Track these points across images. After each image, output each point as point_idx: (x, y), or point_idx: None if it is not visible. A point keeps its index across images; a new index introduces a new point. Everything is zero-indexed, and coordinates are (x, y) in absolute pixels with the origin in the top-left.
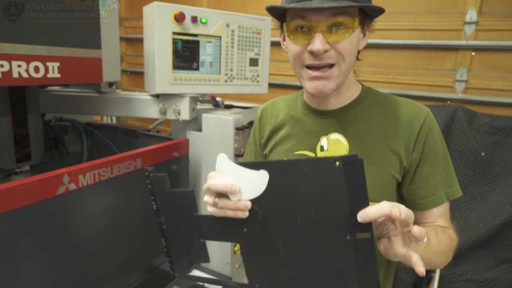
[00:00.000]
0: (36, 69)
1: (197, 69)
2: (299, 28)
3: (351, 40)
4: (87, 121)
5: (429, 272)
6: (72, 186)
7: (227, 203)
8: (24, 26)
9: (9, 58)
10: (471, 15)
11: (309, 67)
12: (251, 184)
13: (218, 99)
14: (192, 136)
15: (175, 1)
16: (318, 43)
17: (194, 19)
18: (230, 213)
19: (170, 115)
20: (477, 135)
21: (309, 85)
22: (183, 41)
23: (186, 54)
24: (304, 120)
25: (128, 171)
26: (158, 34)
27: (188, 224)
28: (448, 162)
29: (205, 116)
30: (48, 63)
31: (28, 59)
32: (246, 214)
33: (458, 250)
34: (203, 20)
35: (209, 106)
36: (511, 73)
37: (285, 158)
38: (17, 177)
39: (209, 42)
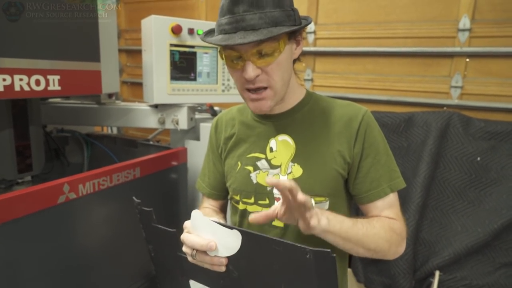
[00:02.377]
0: (37, 82)
1: (194, 79)
2: (232, 58)
3: (279, 60)
4: (88, 131)
5: (428, 278)
6: (73, 195)
7: (204, 258)
8: (25, 40)
9: (11, 72)
10: (464, 22)
11: (248, 89)
12: (226, 242)
13: (216, 108)
14: (190, 145)
15: (175, 13)
16: (249, 71)
17: (191, 31)
18: (207, 266)
19: (169, 125)
20: (472, 140)
21: (251, 105)
22: (180, 52)
23: (183, 65)
24: (254, 124)
25: (127, 180)
26: (156, 46)
27: (172, 260)
28: (389, 156)
29: (203, 125)
30: (48, 76)
31: (29, 72)
32: (223, 268)
33: (456, 255)
34: (200, 32)
35: (207, 115)
36: (506, 79)
37: (239, 163)
38: (19, 187)
39: (206, 53)
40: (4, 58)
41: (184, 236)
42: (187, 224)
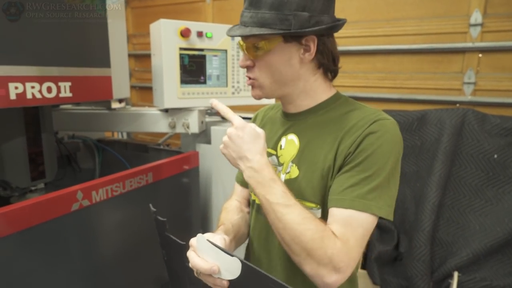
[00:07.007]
0: (49, 90)
1: (204, 82)
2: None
3: (268, 60)
4: (99, 137)
5: (447, 279)
6: (86, 202)
7: (207, 279)
8: (35, 47)
9: (23, 79)
10: (476, 17)
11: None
12: (228, 266)
13: None
14: (202, 148)
15: (181, 17)
16: (241, 59)
17: (200, 34)
18: (211, 285)
19: (180, 129)
20: (488, 137)
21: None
22: (189, 56)
23: (193, 68)
24: (277, 121)
25: (140, 186)
26: (165, 50)
27: (180, 268)
28: (382, 180)
29: (213, 129)
30: (60, 83)
31: (41, 80)
32: None
33: (475, 255)
34: (209, 35)
35: (218, 118)
36: None
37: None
38: (32, 195)
39: (215, 55)
40: (16, 66)
41: (189, 255)
42: (192, 242)
